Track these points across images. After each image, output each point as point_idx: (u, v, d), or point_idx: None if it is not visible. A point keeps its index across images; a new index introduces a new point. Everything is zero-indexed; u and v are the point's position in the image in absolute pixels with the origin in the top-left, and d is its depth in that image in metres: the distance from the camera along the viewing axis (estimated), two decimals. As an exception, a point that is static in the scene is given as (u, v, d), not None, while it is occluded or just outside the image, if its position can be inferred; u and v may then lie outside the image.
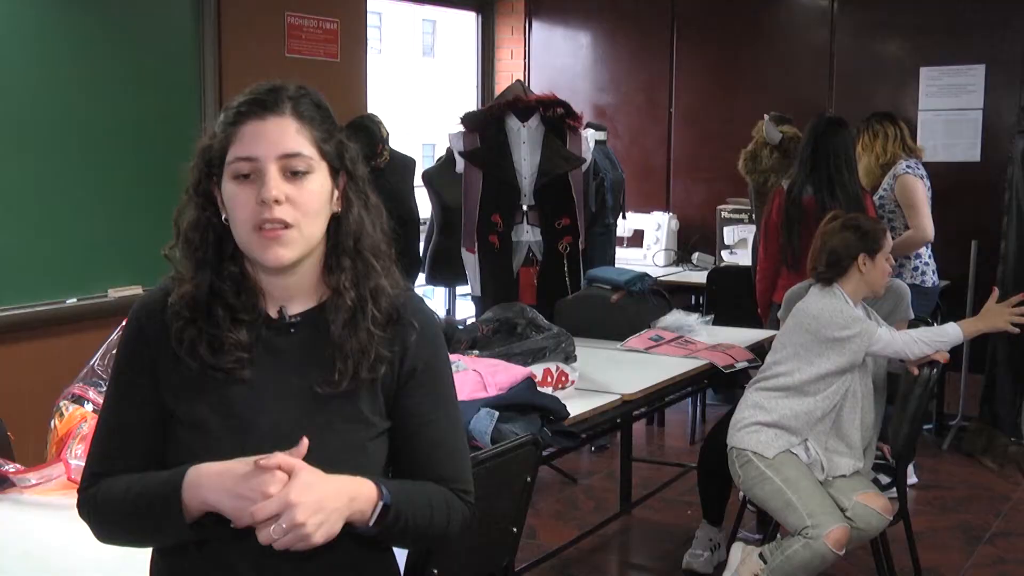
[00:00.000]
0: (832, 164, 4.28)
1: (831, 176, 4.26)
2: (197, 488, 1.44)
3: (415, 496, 1.54)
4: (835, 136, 4.33)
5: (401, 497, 1.51)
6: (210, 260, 1.54)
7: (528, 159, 4.50)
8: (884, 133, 4.85)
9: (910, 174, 4.69)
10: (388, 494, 1.48)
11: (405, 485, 1.55)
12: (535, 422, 2.59)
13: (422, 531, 1.55)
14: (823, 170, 4.28)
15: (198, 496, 1.44)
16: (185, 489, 1.44)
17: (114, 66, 4.32)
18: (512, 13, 7.08)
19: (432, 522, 1.55)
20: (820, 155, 4.30)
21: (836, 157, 4.28)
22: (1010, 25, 5.64)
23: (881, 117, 4.96)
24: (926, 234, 4.66)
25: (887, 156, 4.79)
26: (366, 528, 1.48)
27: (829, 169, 4.28)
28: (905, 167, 4.73)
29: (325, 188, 1.53)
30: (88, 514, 1.55)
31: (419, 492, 1.55)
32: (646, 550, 4.27)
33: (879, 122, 4.91)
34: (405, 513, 1.51)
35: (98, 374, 2.42)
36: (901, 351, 3.25)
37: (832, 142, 4.31)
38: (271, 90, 1.53)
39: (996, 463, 5.01)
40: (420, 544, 1.74)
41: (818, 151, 4.32)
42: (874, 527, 3.15)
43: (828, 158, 4.29)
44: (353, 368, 1.53)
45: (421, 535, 1.57)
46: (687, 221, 6.53)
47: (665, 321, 3.95)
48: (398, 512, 1.49)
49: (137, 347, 1.56)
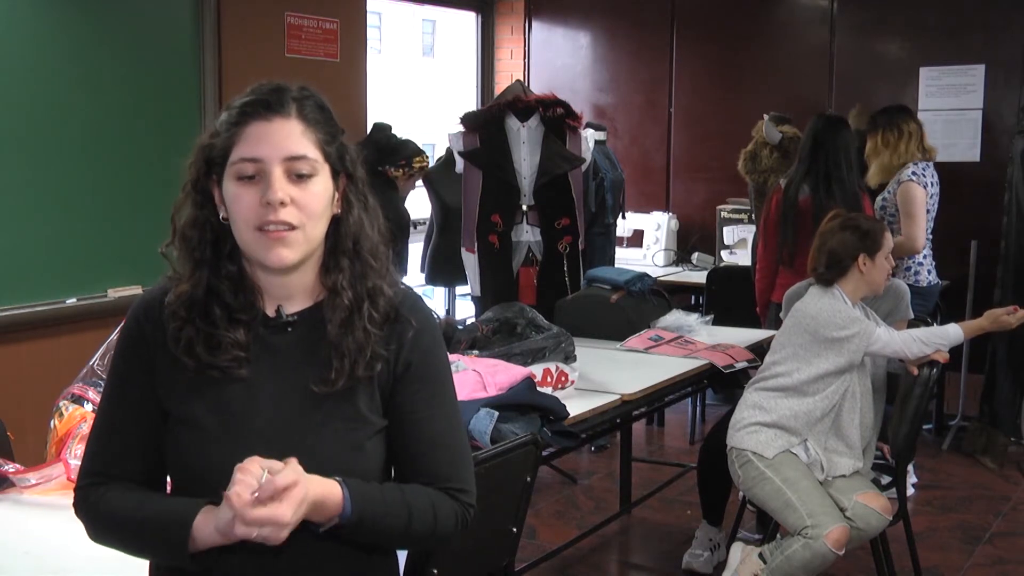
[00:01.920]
0: (830, 162, 4.28)
1: (829, 174, 4.27)
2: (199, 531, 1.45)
3: (392, 510, 1.51)
4: (835, 134, 4.33)
5: (370, 510, 1.49)
6: (207, 259, 1.54)
7: (528, 159, 4.50)
8: (908, 132, 4.81)
9: (914, 182, 4.67)
10: (351, 510, 1.46)
11: (386, 495, 1.52)
12: (535, 422, 2.59)
13: (397, 537, 1.55)
14: (821, 168, 4.29)
15: (200, 538, 1.45)
16: (194, 529, 1.45)
17: (114, 66, 4.32)
18: (512, 13, 7.08)
19: (410, 528, 1.53)
20: (819, 153, 4.31)
21: (835, 155, 4.29)
22: (1010, 25, 5.64)
23: (904, 114, 4.88)
24: (915, 245, 4.64)
25: (907, 155, 4.76)
26: (315, 527, 1.47)
27: (827, 167, 4.28)
28: (911, 174, 4.70)
29: (327, 190, 1.53)
30: (85, 515, 1.56)
31: (400, 504, 1.52)
32: (646, 550, 4.27)
33: (904, 120, 4.85)
34: (369, 524, 1.49)
35: (98, 374, 2.42)
36: (900, 350, 3.25)
37: (831, 140, 4.32)
38: (275, 90, 1.52)
39: (996, 463, 5.01)
40: (403, 546, 1.74)
41: (817, 149, 4.32)
42: (874, 527, 3.15)
43: (826, 156, 4.29)
44: (350, 367, 1.53)
45: (397, 540, 1.58)
46: (687, 221, 6.53)
47: (665, 321, 3.95)
48: (359, 523, 1.48)
49: (135, 346, 1.56)
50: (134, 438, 1.55)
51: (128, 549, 1.55)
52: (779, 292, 4.42)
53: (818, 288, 3.31)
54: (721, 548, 3.74)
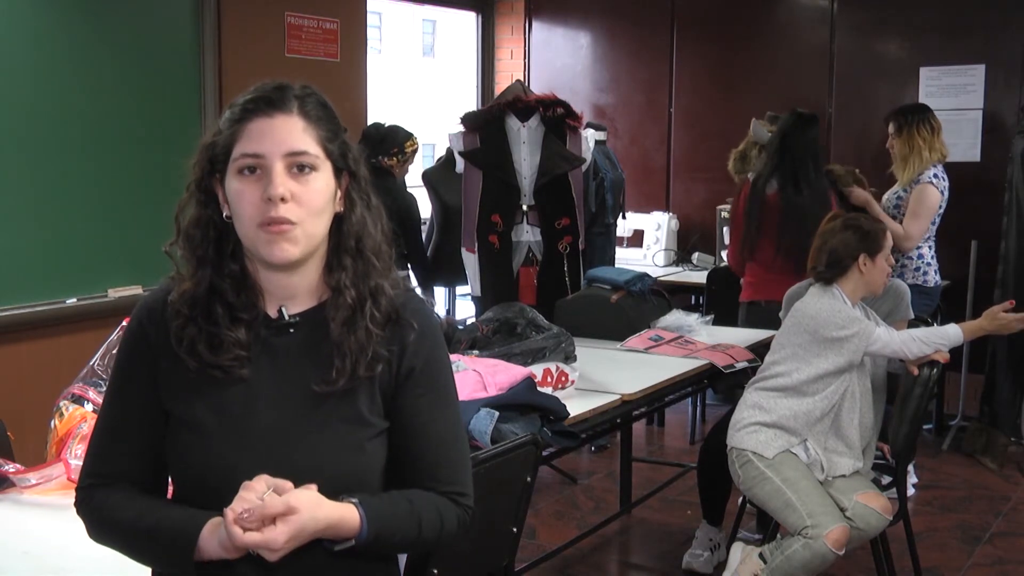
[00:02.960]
0: (797, 159, 4.30)
1: (795, 171, 4.28)
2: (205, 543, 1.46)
3: (403, 523, 1.52)
4: (803, 132, 4.36)
5: (385, 527, 1.50)
6: (210, 257, 1.54)
7: (528, 159, 4.50)
8: (937, 129, 4.82)
9: (933, 185, 4.71)
10: (366, 533, 1.47)
11: (396, 508, 1.53)
12: (535, 422, 2.58)
13: (406, 547, 1.58)
14: (788, 165, 4.30)
15: (205, 549, 1.46)
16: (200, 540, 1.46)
17: (114, 66, 4.32)
18: (512, 13, 7.08)
19: (419, 538, 1.55)
20: (786, 150, 4.33)
21: (803, 152, 4.31)
22: (1010, 25, 5.64)
23: (928, 112, 4.89)
24: (910, 241, 4.68)
25: (937, 154, 4.78)
26: (330, 545, 1.48)
27: (794, 164, 4.30)
28: (932, 176, 4.73)
29: (329, 187, 1.53)
30: (87, 516, 1.56)
31: (409, 515, 1.53)
32: (646, 550, 4.27)
33: (933, 117, 4.84)
34: (384, 540, 1.50)
35: (98, 374, 2.42)
36: (899, 350, 3.25)
37: (799, 138, 4.34)
38: (278, 88, 1.53)
39: (996, 463, 5.01)
40: (408, 552, 1.75)
41: (785, 146, 4.34)
42: (874, 527, 3.15)
43: (794, 152, 4.31)
44: (351, 367, 1.53)
45: (405, 549, 1.60)
46: (687, 221, 6.53)
47: (665, 321, 3.95)
48: (374, 541, 1.49)
49: (138, 347, 1.56)
50: (136, 439, 1.56)
51: (131, 556, 1.56)
52: (747, 291, 4.45)
53: (818, 288, 3.31)
54: (721, 548, 3.75)
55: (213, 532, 1.45)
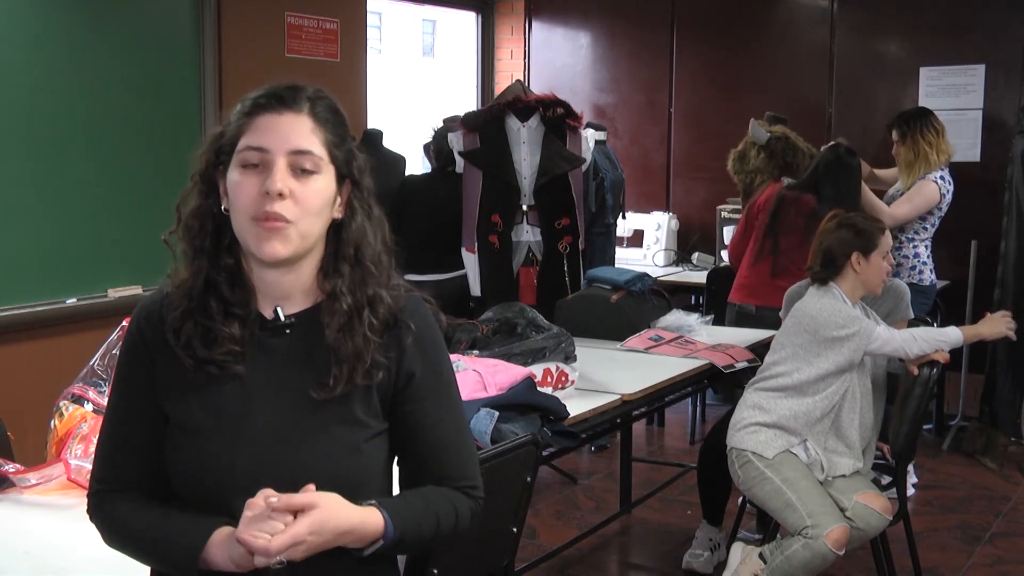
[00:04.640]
0: (834, 198, 4.26)
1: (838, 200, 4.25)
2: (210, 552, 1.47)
3: (423, 519, 1.55)
4: (843, 170, 4.36)
5: (408, 526, 1.52)
6: (207, 249, 1.54)
7: (528, 159, 4.50)
8: (941, 131, 4.83)
9: (936, 185, 4.73)
10: (392, 532, 1.49)
11: (414, 507, 1.55)
12: (535, 422, 2.59)
13: (426, 544, 1.60)
14: (828, 195, 4.30)
15: (213, 561, 1.47)
16: (206, 549, 1.47)
17: (114, 66, 4.32)
18: (512, 13, 7.08)
19: (438, 534, 1.57)
20: (826, 185, 4.33)
21: (842, 192, 4.31)
22: (1010, 25, 5.64)
23: (930, 115, 4.90)
24: (891, 219, 4.65)
25: (942, 158, 4.80)
26: (356, 551, 1.49)
27: (838, 194, 4.30)
28: (938, 177, 4.75)
29: (329, 190, 1.53)
30: (100, 523, 1.58)
31: (426, 512, 1.55)
32: (646, 550, 4.27)
33: (935, 120, 4.86)
34: (409, 539, 1.53)
35: (98, 374, 2.42)
36: (899, 349, 3.25)
37: (840, 176, 4.35)
38: (291, 88, 1.54)
39: (996, 463, 5.01)
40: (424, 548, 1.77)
41: (824, 181, 4.34)
42: (874, 527, 3.15)
43: (834, 189, 4.31)
44: (348, 373, 1.53)
45: (426, 546, 1.63)
46: (687, 221, 6.53)
47: (665, 321, 3.95)
48: (400, 541, 1.51)
49: (137, 349, 1.57)
50: (140, 442, 1.56)
51: (142, 562, 1.57)
52: (736, 293, 4.45)
53: (817, 288, 3.31)
54: (721, 548, 3.75)
55: (221, 544, 1.45)
